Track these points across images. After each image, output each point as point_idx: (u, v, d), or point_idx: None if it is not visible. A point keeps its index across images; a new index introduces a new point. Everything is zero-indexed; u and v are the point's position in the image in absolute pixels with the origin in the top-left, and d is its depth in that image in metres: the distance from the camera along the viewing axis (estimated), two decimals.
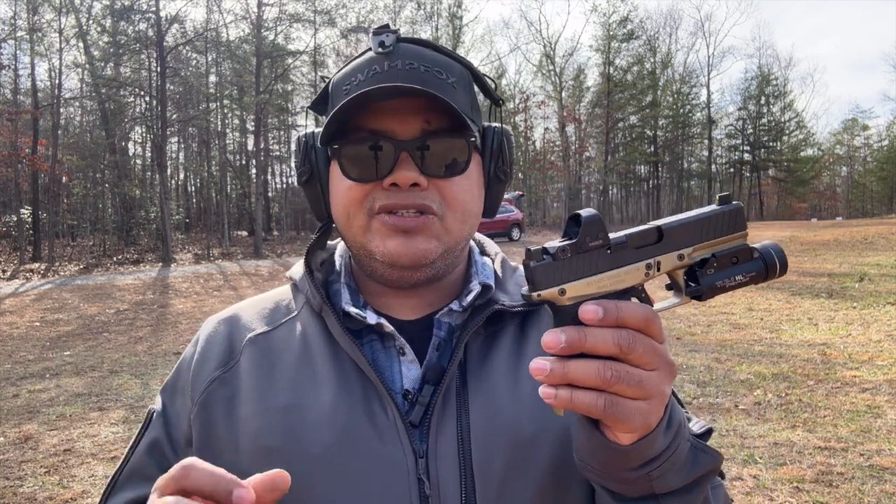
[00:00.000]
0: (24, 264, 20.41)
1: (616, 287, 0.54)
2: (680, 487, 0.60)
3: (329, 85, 0.78)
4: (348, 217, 0.74)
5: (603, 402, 0.51)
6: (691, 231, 0.55)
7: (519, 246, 21.96)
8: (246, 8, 28.19)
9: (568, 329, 0.50)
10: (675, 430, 0.58)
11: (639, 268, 0.54)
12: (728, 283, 0.55)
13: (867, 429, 4.44)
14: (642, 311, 0.52)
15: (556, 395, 0.51)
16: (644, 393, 0.52)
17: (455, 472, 0.68)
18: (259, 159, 27.18)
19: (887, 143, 49.89)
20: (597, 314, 0.50)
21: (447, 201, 0.72)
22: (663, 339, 0.54)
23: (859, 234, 18.08)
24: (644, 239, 0.55)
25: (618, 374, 0.50)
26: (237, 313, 0.83)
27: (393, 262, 0.72)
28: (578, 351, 0.50)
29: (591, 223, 0.52)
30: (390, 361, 0.74)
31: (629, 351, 0.50)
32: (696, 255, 0.56)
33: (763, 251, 0.57)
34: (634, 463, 0.56)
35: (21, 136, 23.30)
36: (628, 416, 0.52)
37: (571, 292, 0.52)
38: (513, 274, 0.85)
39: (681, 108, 43.87)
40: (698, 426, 0.68)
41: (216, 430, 0.73)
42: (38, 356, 7.99)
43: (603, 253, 0.53)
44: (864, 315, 8.28)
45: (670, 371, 0.54)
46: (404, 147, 0.70)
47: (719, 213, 0.56)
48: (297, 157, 0.79)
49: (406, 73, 0.71)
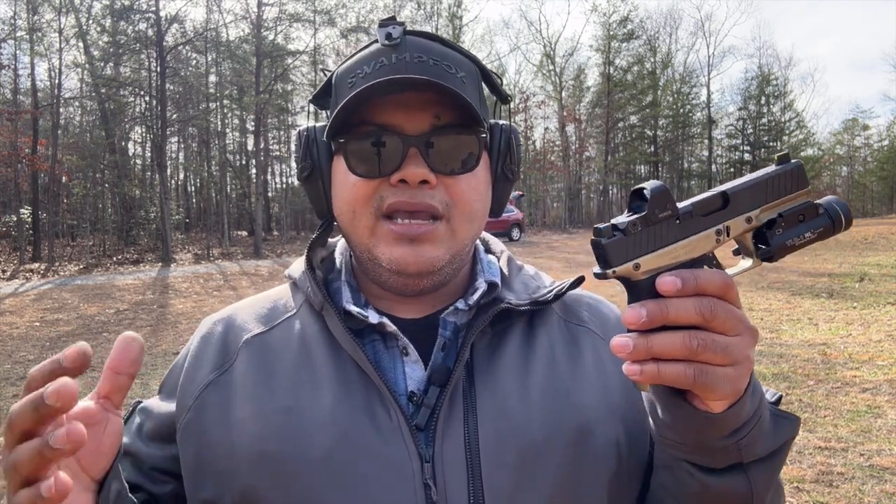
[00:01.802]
0: (23, 264, 20.39)
1: (689, 256, 0.53)
2: (764, 455, 0.60)
3: (332, 77, 0.76)
4: (354, 215, 0.71)
5: (693, 372, 0.50)
6: (756, 193, 0.55)
7: (519, 246, 21.94)
8: (246, 8, 28.16)
9: (648, 303, 0.50)
10: (759, 397, 0.59)
11: (709, 235, 0.54)
12: (798, 241, 0.55)
13: (867, 429, 4.44)
14: (720, 277, 0.51)
15: (643, 371, 0.50)
16: (731, 359, 0.51)
17: (463, 477, 0.66)
18: (259, 159, 27.15)
19: (887, 143, 49.85)
20: (675, 285, 0.49)
21: (454, 200, 0.70)
22: (740, 305, 0.53)
23: (859, 234, 18.07)
24: (710, 205, 0.54)
25: (704, 342, 0.50)
26: (233, 314, 0.81)
27: (400, 269, 0.70)
28: (661, 323, 0.50)
29: (659, 194, 0.52)
30: (393, 362, 0.72)
31: (712, 318, 0.50)
32: (763, 217, 0.55)
33: (827, 206, 0.56)
34: (726, 430, 0.56)
35: (21, 136, 23.27)
36: (718, 384, 0.51)
37: (646, 266, 0.52)
38: (519, 272, 0.83)
39: (681, 108, 43.83)
40: (770, 394, 0.68)
41: (211, 436, 0.70)
42: (38, 356, 7.98)
43: (672, 223, 0.52)
44: (864, 315, 8.28)
45: (753, 335, 0.54)
46: (413, 142, 0.68)
47: (781, 173, 0.56)
48: (298, 152, 0.76)
49: (415, 66, 0.69)
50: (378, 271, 0.73)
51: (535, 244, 23.27)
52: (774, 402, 0.68)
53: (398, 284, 0.73)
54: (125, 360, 0.51)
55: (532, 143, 40.49)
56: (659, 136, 43.27)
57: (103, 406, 0.54)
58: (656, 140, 42.90)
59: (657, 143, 42.78)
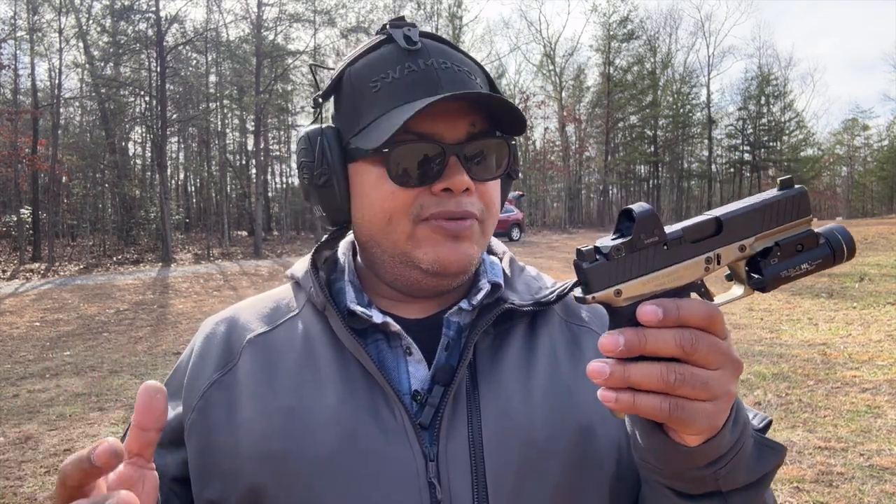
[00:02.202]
0: (24, 264, 20.39)
1: (674, 284, 0.51)
2: (746, 484, 0.59)
3: (343, 76, 0.74)
4: (389, 223, 0.70)
5: (668, 406, 0.49)
6: (752, 220, 0.52)
7: (519, 246, 21.94)
8: (246, 8, 28.17)
9: (627, 331, 0.48)
10: (742, 428, 0.57)
11: (698, 262, 0.51)
12: (794, 272, 0.52)
13: (867, 429, 4.44)
14: (704, 308, 0.49)
15: (618, 399, 0.49)
16: (710, 394, 0.50)
17: (467, 475, 0.66)
18: (259, 159, 27.15)
19: (887, 143, 49.86)
20: (656, 315, 0.48)
21: (487, 205, 0.72)
22: (726, 334, 0.52)
23: (859, 234, 18.07)
24: (702, 231, 0.51)
25: (682, 376, 0.48)
26: (235, 314, 0.81)
27: (442, 269, 0.70)
28: (639, 353, 0.48)
29: (645, 219, 0.49)
30: (397, 361, 0.72)
31: (692, 351, 0.48)
32: (757, 245, 0.52)
33: (829, 235, 0.53)
34: (702, 462, 0.55)
35: (21, 136, 23.26)
36: (695, 419, 0.50)
37: (628, 293, 0.50)
38: (521, 273, 0.83)
39: (681, 108, 43.82)
40: (758, 419, 0.67)
41: (215, 436, 0.71)
42: (38, 356, 7.98)
43: (659, 249, 0.50)
44: (864, 315, 8.28)
45: (736, 369, 0.52)
46: (454, 150, 0.68)
47: (781, 199, 0.53)
48: (307, 156, 0.74)
49: (445, 73, 0.69)
50: (410, 274, 0.73)
51: (535, 244, 23.27)
52: (762, 427, 0.66)
53: (430, 284, 0.73)
54: (152, 416, 0.49)
55: (532, 143, 40.51)
56: (659, 136, 43.26)
57: (136, 464, 0.51)
58: (656, 140, 42.90)
59: (657, 143, 42.78)
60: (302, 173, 0.75)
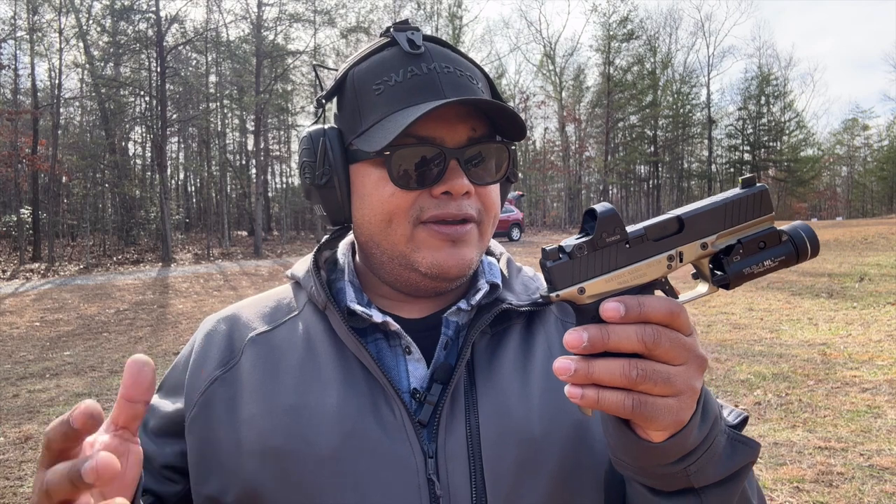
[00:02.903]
0: (24, 264, 20.39)
1: (637, 282, 0.52)
2: (719, 480, 0.59)
3: (346, 77, 0.75)
4: (389, 224, 0.71)
5: (631, 402, 0.49)
6: (714, 218, 0.54)
7: (519, 246, 21.95)
8: (246, 8, 28.18)
9: (590, 327, 0.49)
10: (711, 423, 0.58)
11: (660, 260, 0.53)
12: (756, 269, 0.54)
13: (867, 429, 4.44)
14: (666, 304, 0.50)
15: (583, 395, 0.50)
16: (673, 389, 0.50)
17: (465, 472, 0.67)
18: (259, 159, 27.16)
19: (887, 142, 49.89)
20: (618, 311, 0.49)
21: (486, 208, 0.73)
22: (690, 331, 0.52)
23: (859, 234, 18.08)
24: (664, 230, 0.53)
25: (644, 372, 0.49)
26: (237, 312, 0.81)
27: (441, 273, 0.71)
28: (601, 350, 0.49)
29: (606, 218, 0.51)
30: (396, 360, 0.73)
31: (654, 347, 0.49)
32: (720, 243, 0.54)
33: (792, 233, 0.55)
34: (670, 458, 0.56)
35: (21, 136, 23.29)
36: (658, 415, 0.51)
37: (591, 290, 0.51)
38: (518, 273, 0.84)
39: (681, 108, 43.85)
40: (733, 416, 0.67)
41: (217, 433, 0.71)
42: (38, 356, 7.99)
43: (621, 247, 0.52)
44: (864, 315, 8.28)
45: (700, 364, 0.53)
46: (454, 154, 0.69)
47: (742, 197, 0.54)
48: (309, 155, 0.74)
49: (447, 78, 0.70)
50: (409, 276, 0.74)
51: (535, 244, 23.27)
52: (738, 423, 0.67)
53: (429, 286, 0.74)
54: (139, 387, 0.49)
55: (532, 143, 40.51)
56: (659, 136, 43.29)
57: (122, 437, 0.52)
58: (656, 140, 42.91)
59: (657, 143, 42.80)
60: (304, 173, 0.76)
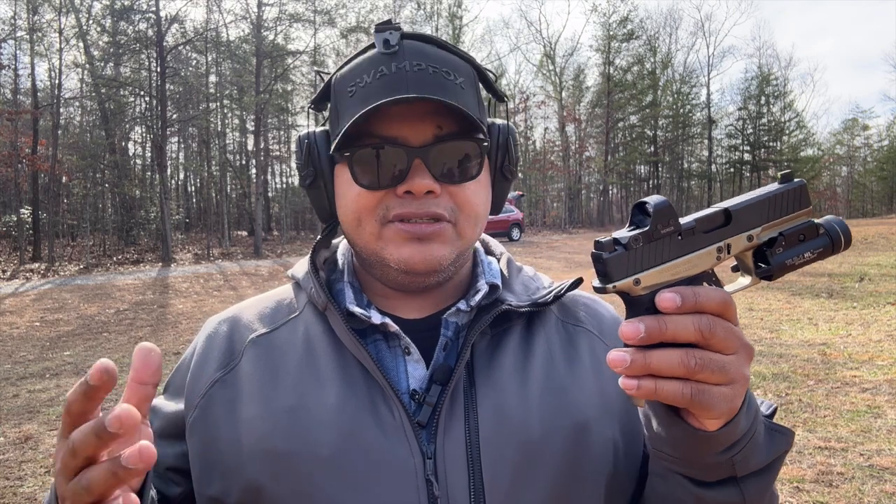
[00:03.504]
0: (24, 264, 20.39)
1: (689, 273, 0.53)
2: (758, 469, 0.61)
3: (331, 83, 0.76)
4: (359, 223, 0.72)
5: (690, 391, 0.50)
6: (758, 211, 0.55)
7: (519, 246, 21.94)
8: (246, 8, 28.18)
9: (647, 318, 0.50)
10: (754, 413, 0.59)
11: (710, 252, 0.54)
12: (797, 260, 0.55)
13: (867, 429, 4.44)
14: (720, 295, 0.51)
15: (640, 386, 0.50)
16: (728, 378, 0.51)
17: (464, 473, 0.67)
18: (259, 159, 27.16)
19: (887, 143, 49.87)
20: (675, 301, 0.49)
21: (460, 206, 0.72)
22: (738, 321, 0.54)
23: (859, 234, 18.07)
24: (712, 222, 0.54)
25: (702, 361, 0.50)
26: (238, 314, 0.82)
27: (408, 268, 0.71)
28: (659, 340, 0.50)
29: (662, 210, 0.52)
30: (396, 361, 0.74)
31: (710, 336, 0.50)
32: (763, 235, 0.55)
33: (827, 226, 0.56)
34: (720, 447, 0.57)
35: (21, 136, 23.28)
36: (715, 403, 0.51)
37: (646, 281, 0.52)
38: (518, 273, 0.84)
39: (681, 108, 43.82)
40: (765, 406, 0.68)
41: (218, 434, 0.72)
42: (38, 356, 7.99)
43: (674, 239, 0.53)
44: (864, 315, 8.28)
45: (749, 353, 0.54)
46: (417, 154, 0.69)
47: (784, 191, 0.56)
48: (299, 158, 0.76)
49: (415, 76, 0.69)
50: (385, 271, 0.75)
51: (535, 244, 23.27)
52: (769, 414, 0.68)
53: (405, 281, 0.75)
54: (148, 370, 0.50)
55: (532, 143, 40.53)
56: (659, 136, 43.27)
57: None
58: (656, 140, 42.91)
59: (657, 143, 42.79)
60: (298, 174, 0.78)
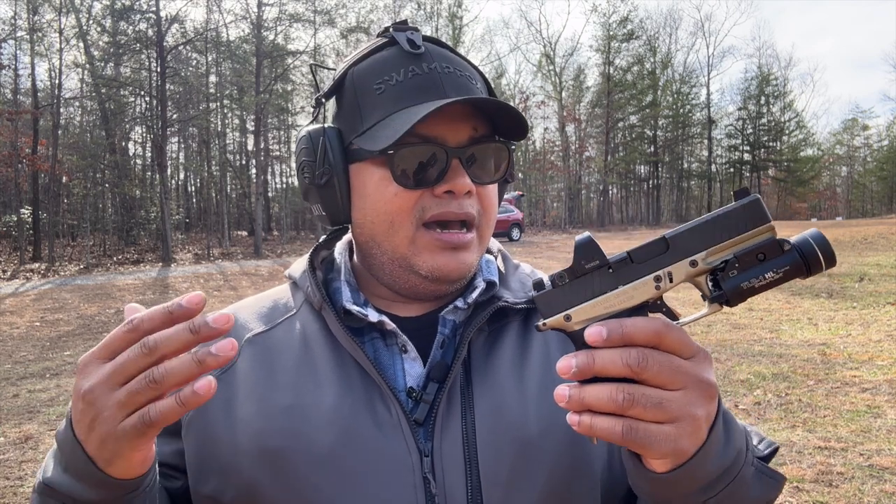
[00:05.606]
0: (24, 264, 20.39)
1: (627, 304, 0.51)
2: None
3: (346, 76, 0.75)
4: (391, 225, 0.71)
5: (621, 428, 0.48)
6: (701, 234, 0.51)
7: (519, 246, 21.95)
8: (246, 8, 28.14)
9: (579, 353, 0.49)
10: (735, 455, 0.55)
11: (646, 282, 0.51)
12: (757, 282, 0.50)
13: (867, 429, 4.44)
14: (650, 324, 0.48)
15: (580, 422, 0.49)
16: (666, 415, 0.48)
17: (461, 470, 0.67)
18: (259, 159, 27.16)
19: (887, 143, 49.90)
20: (601, 335, 0.48)
21: (485, 208, 0.73)
22: (691, 353, 0.50)
23: (859, 234, 18.07)
24: (650, 251, 0.52)
25: (631, 396, 0.47)
26: (235, 313, 0.81)
27: (442, 276, 0.71)
28: (590, 375, 0.48)
29: (581, 246, 0.52)
30: (393, 359, 0.73)
31: (641, 370, 0.47)
32: (712, 259, 0.51)
33: (799, 242, 0.51)
34: (684, 490, 0.53)
35: (21, 136, 23.28)
36: (652, 442, 0.49)
37: (578, 316, 0.51)
38: (515, 270, 0.84)
39: (681, 108, 43.85)
40: (764, 445, 0.66)
41: (214, 433, 0.71)
42: (38, 356, 7.99)
43: (604, 273, 0.52)
44: (864, 315, 8.28)
45: (704, 391, 0.50)
46: (456, 154, 0.69)
47: (731, 210, 0.51)
48: (309, 155, 0.74)
49: (448, 78, 0.70)
50: (408, 278, 0.74)
51: (535, 244, 23.27)
52: (768, 454, 0.66)
53: (431, 289, 0.74)
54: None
55: (532, 143, 40.51)
56: (659, 136, 43.29)
57: None
58: (656, 140, 42.91)
59: (657, 143, 42.80)
60: (302, 173, 0.75)
